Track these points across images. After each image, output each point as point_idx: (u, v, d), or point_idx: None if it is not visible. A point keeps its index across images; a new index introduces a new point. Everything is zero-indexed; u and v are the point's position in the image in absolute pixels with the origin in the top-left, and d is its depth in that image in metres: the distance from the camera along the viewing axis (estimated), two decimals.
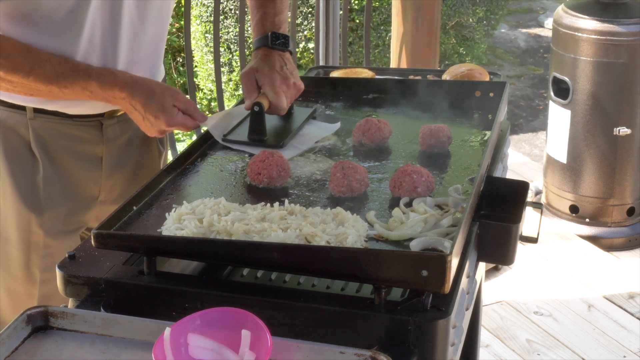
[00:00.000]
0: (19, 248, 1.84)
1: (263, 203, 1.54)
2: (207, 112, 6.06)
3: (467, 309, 1.42)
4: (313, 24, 4.80)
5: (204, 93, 6.08)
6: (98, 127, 1.85)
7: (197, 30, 5.98)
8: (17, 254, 1.85)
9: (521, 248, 1.63)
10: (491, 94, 2.04)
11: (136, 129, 1.90)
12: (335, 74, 2.32)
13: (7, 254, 1.85)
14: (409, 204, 1.57)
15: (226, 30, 6.28)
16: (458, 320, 1.31)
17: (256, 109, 1.83)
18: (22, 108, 1.77)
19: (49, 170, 1.81)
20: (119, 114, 1.87)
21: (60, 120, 1.81)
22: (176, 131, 5.47)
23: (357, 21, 5.75)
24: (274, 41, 1.93)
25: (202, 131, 1.90)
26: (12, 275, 1.87)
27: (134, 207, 1.55)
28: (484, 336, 3.04)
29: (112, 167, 1.90)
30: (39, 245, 1.84)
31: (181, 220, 1.47)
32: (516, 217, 1.57)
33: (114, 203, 1.91)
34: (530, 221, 1.78)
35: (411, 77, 2.28)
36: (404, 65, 3.88)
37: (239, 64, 5.02)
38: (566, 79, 3.78)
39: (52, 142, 1.81)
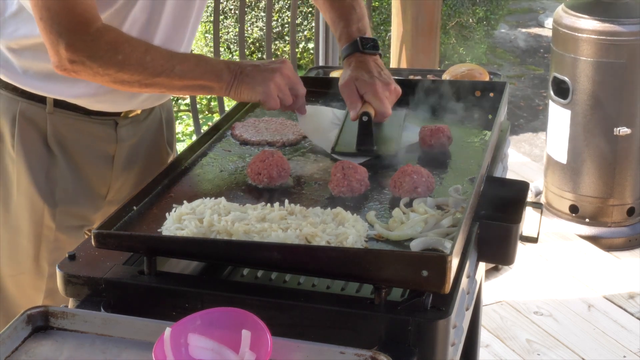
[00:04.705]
0: (30, 240, 1.85)
1: (263, 203, 1.54)
2: (206, 112, 6.05)
3: (467, 309, 1.42)
4: (313, 24, 4.79)
5: None
6: (113, 126, 1.86)
7: (197, 30, 5.98)
8: (28, 246, 1.85)
9: (521, 248, 1.63)
10: (491, 94, 2.04)
11: (147, 131, 1.92)
12: (335, 74, 2.32)
13: (17, 245, 1.86)
14: (409, 204, 1.56)
15: (226, 30, 6.28)
16: (458, 320, 1.31)
17: (365, 119, 1.79)
18: (42, 101, 1.78)
19: (63, 165, 1.82)
20: (132, 114, 1.88)
21: (78, 116, 1.81)
22: (176, 131, 5.47)
23: None
24: (365, 45, 1.91)
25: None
26: (21, 266, 1.88)
27: (134, 207, 1.55)
28: (484, 336, 3.04)
29: (122, 167, 1.91)
30: (49, 239, 1.85)
31: (181, 220, 1.47)
32: (516, 217, 1.56)
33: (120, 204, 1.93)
34: (530, 221, 1.77)
35: (411, 77, 2.28)
36: (404, 65, 3.89)
37: None
38: (566, 79, 3.78)
39: (68, 138, 1.82)
